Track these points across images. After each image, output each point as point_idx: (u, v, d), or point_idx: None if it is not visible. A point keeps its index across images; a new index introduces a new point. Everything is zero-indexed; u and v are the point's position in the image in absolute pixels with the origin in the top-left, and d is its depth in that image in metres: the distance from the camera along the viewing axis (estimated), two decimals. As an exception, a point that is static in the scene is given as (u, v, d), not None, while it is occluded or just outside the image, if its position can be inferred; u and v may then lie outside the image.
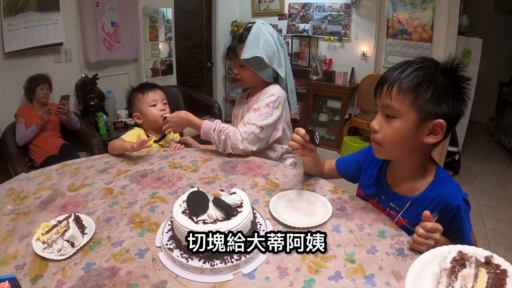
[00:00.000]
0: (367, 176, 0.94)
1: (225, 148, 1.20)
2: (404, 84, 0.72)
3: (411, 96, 0.72)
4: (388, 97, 0.74)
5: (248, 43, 1.27)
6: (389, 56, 3.81)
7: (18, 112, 2.33)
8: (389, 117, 0.76)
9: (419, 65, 0.74)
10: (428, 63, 0.75)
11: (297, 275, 0.66)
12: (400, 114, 0.74)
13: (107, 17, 2.95)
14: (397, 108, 0.74)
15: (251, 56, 1.26)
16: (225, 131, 1.19)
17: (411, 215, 0.81)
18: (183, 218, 0.70)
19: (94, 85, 2.84)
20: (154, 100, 1.41)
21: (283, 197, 0.93)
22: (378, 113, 0.79)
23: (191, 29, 4.12)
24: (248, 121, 1.22)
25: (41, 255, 0.70)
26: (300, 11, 4.18)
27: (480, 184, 3.19)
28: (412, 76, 0.72)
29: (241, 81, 1.38)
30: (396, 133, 0.75)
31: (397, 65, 0.77)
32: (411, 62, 0.75)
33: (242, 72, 1.35)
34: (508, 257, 0.58)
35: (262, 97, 1.30)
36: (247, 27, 1.33)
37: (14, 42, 2.34)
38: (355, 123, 3.80)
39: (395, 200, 0.85)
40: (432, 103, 0.72)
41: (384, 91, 0.75)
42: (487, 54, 3.74)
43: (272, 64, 1.31)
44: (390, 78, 0.75)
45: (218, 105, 3.67)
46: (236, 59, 1.34)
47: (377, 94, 0.79)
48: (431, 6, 3.41)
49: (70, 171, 1.10)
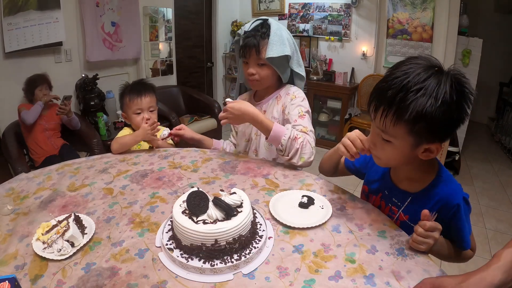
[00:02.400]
0: (373, 172, 0.95)
1: (291, 158, 1.08)
2: (401, 114, 0.66)
3: (408, 126, 0.67)
4: (383, 124, 0.69)
5: (273, 40, 1.16)
6: (389, 56, 3.81)
7: (20, 106, 2.34)
8: (383, 140, 0.73)
9: (419, 87, 0.64)
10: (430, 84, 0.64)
11: (297, 275, 0.66)
12: (395, 139, 0.71)
13: (107, 17, 2.95)
14: (392, 134, 0.70)
15: (280, 54, 1.16)
16: (299, 139, 1.08)
17: (412, 210, 0.81)
18: (183, 218, 0.70)
19: (94, 85, 2.84)
20: (139, 109, 1.38)
21: (283, 197, 0.93)
22: (373, 129, 0.75)
23: (191, 29, 4.12)
24: (305, 129, 1.14)
25: (41, 255, 0.70)
26: (300, 11, 4.18)
27: (480, 184, 3.19)
28: (410, 106, 0.64)
29: (258, 82, 1.23)
30: (391, 154, 0.74)
31: (394, 80, 0.67)
32: (415, 70, 0.66)
33: (261, 72, 1.20)
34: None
35: (297, 101, 1.20)
36: (261, 23, 1.21)
37: (14, 42, 2.34)
38: (355, 123, 3.79)
39: (397, 195, 0.85)
40: (430, 133, 0.67)
41: (378, 114, 0.70)
42: (487, 54, 3.74)
43: (292, 64, 1.24)
44: (386, 101, 0.67)
45: (218, 105, 3.67)
46: (257, 57, 1.18)
47: (370, 109, 0.73)
48: (431, 6, 3.41)
49: (70, 171, 1.10)
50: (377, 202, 0.92)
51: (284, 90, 1.28)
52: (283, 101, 1.25)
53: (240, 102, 1.12)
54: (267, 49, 1.16)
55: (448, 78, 0.65)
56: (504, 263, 0.56)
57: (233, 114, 1.11)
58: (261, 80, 1.22)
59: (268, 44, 1.16)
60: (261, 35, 1.18)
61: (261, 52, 1.17)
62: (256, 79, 1.21)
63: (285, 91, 1.27)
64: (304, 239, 0.76)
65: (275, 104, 1.26)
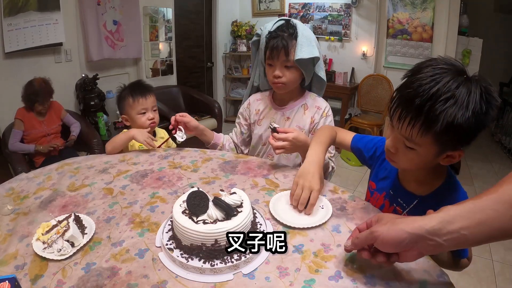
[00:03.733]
0: (382, 169, 0.94)
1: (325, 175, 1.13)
2: (430, 125, 0.63)
3: (436, 137, 0.65)
4: (409, 133, 0.66)
5: (302, 41, 1.12)
6: (389, 56, 3.81)
7: (18, 115, 2.29)
8: (406, 146, 0.70)
9: (449, 96, 0.61)
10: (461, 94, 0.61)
11: (297, 275, 0.66)
12: (419, 147, 0.68)
13: (109, 16, 2.95)
14: (417, 143, 0.68)
15: (310, 56, 1.11)
16: (331, 164, 1.18)
17: (417, 213, 0.80)
18: (183, 218, 0.70)
19: (94, 85, 2.84)
20: (144, 109, 1.37)
21: (283, 197, 0.92)
22: (394, 134, 0.72)
23: (191, 29, 4.12)
24: (330, 155, 1.19)
25: (41, 255, 0.70)
26: (301, 11, 4.18)
27: (480, 184, 3.19)
28: (440, 117, 0.61)
29: (283, 86, 1.18)
30: (413, 161, 0.72)
31: (422, 88, 0.63)
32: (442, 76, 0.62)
33: (288, 74, 1.15)
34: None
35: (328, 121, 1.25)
36: (284, 23, 1.16)
37: (14, 42, 2.34)
38: (355, 123, 3.80)
39: (404, 196, 0.84)
40: (457, 142, 0.66)
41: (404, 123, 0.66)
42: (487, 54, 3.75)
43: (316, 68, 1.20)
44: (413, 109, 0.64)
45: (218, 105, 3.67)
46: (286, 59, 1.13)
47: (393, 116, 0.70)
48: (432, 6, 3.41)
49: (70, 171, 1.10)
50: (381, 201, 0.91)
51: (310, 99, 1.27)
52: (312, 113, 1.25)
53: (295, 131, 1.04)
54: (296, 51, 1.11)
55: (477, 87, 0.62)
56: (444, 214, 0.54)
57: (293, 145, 1.03)
58: (287, 83, 1.17)
59: (297, 45, 1.12)
60: (289, 36, 1.12)
61: (290, 54, 1.12)
62: (282, 82, 1.16)
63: (313, 102, 1.26)
64: (304, 239, 0.76)
65: (302, 114, 1.25)
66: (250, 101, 1.36)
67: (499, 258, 2.15)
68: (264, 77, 1.31)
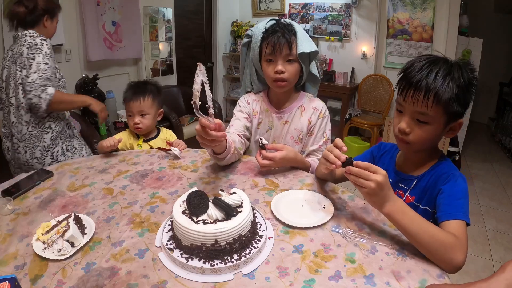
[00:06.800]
0: (380, 165, 0.95)
1: None
2: (442, 95, 0.76)
3: (446, 105, 0.77)
4: (424, 106, 0.77)
5: (301, 36, 1.15)
6: (390, 56, 3.81)
7: None
8: (420, 122, 0.80)
9: (447, 71, 0.77)
10: (452, 67, 0.78)
11: (297, 275, 0.66)
12: (433, 120, 0.79)
13: (108, 17, 2.95)
14: (431, 116, 0.78)
15: (311, 50, 1.15)
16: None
17: (417, 190, 0.89)
18: (183, 218, 0.70)
19: (95, 85, 2.84)
20: (130, 112, 1.42)
21: (283, 197, 0.93)
22: (407, 115, 0.81)
23: (191, 29, 4.12)
24: None
25: (41, 255, 0.70)
26: (301, 11, 4.18)
27: (480, 184, 3.19)
28: (448, 86, 0.76)
29: (285, 84, 1.17)
30: (427, 135, 0.81)
31: (421, 66, 0.78)
32: (434, 63, 0.78)
33: (290, 69, 1.15)
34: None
35: (324, 122, 1.26)
36: (276, 22, 1.18)
37: (14, 42, 2.33)
38: (355, 123, 3.80)
39: (403, 180, 0.92)
40: (461, 107, 0.79)
41: (419, 99, 0.77)
42: (487, 54, 3.75)
43: (311, 64, 1.22)
44: (425, 85, 0.77)
45: (218, 105, 3.67)
46: (289, 52, 1.14)
47: (406, 97, 0.80)
48: (432, 6, 3.41)
49: (70, 171, 1.10)
50: None
51: (306, 100, 1.27)
52: (309, 114, 1.25)
53: (285, 149, 1.05)
54: (298, 45, 1.14)
55: (463, 67, 0.79)
56: (508, 274, 0.56)
57: (280, 164, 1.06)
58: (289, 79, 1.17)
59: (297, 40, 1.14)
60: (288, 32, 1.14)
61: (292, 47, 1.14)
62: (284, 78, 1.15)
63: (309, 102, 1.26)
64: (304, 239, 0.76)
65: (299, 115, 1.25)
66: (248, 100, 1.32)
67: (499, 258, 2.15)
68: (257, 78, 1.29)
